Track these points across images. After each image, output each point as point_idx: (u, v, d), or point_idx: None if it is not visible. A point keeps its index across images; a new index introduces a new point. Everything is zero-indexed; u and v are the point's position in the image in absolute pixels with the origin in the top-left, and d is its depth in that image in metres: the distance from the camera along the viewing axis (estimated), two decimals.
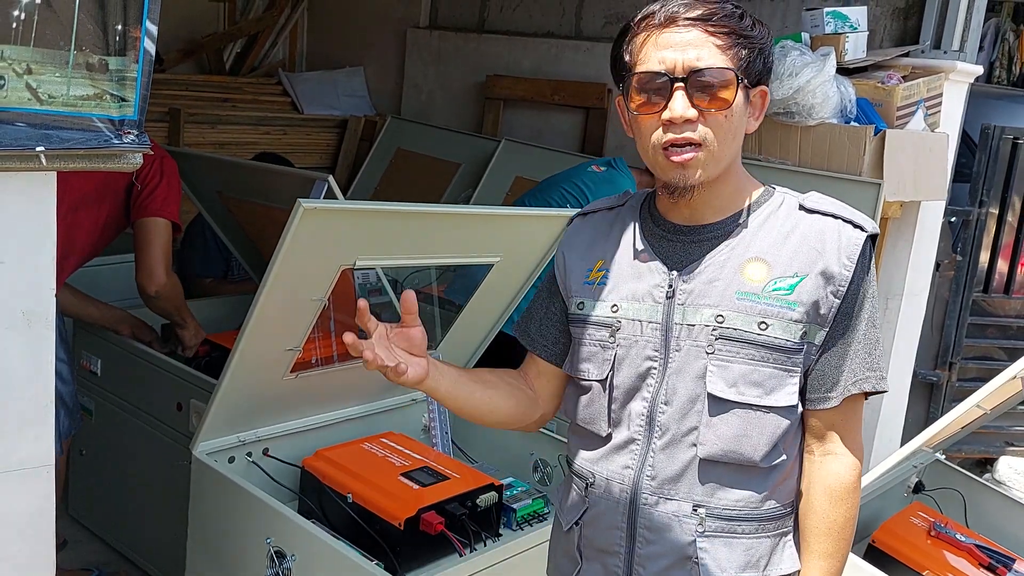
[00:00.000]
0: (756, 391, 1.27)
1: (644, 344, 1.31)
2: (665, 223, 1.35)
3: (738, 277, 1.28)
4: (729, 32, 1.23)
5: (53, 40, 1.10)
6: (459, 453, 2.56)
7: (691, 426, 1.29)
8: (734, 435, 1.27)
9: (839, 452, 1.33)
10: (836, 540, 1.33)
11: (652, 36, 1.25)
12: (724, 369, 1.27)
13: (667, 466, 1.30)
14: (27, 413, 1.25)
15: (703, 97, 1.22)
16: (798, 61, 3.05)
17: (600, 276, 1.37)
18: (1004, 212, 4.02)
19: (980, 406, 2.23)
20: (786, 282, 1.26)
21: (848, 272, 1.27)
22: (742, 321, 1.26)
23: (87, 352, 2.82)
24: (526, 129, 4.61)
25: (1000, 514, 2.58)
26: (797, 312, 1.26)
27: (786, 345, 1.27)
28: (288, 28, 5.68)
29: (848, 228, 1.29)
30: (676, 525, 1.30)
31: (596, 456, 1.37)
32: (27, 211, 1.19)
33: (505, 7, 4.84)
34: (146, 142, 1.23)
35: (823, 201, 1.32)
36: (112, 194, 2.55)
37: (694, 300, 1.29)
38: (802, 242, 1.28)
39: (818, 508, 1.33)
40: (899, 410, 3.65)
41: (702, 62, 1.22)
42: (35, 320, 1.22)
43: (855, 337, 1.30)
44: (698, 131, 1.23)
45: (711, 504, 1.29)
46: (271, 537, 1.91)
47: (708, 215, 1.32)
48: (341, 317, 2.53)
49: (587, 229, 1.45)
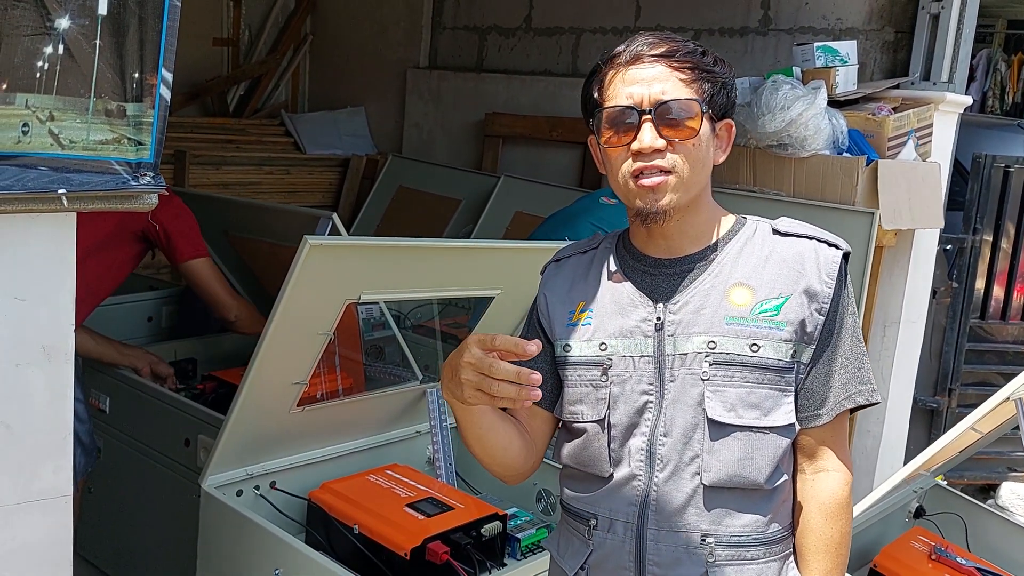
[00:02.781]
0: (754, 413, 1.28)
1: (638, 379, 1.32)
2: (644, 258, 1.37)
3: (725, 303, 1.30)
4: (692, 67, 1.29)
5: (74, 88, 1.16)
6: (463, 484, 2.58)
7: (693, 455, 1.29)
8: (737, 459, 1.28)
9: (831, 468, 1.36)
10: (834, 557, 1.36)
11: (619, 73, 1.30)
12: (721, 394, 1.28)
13: (671, 498, 1.30)
14: (47, 446, 1.29)
15: (670, 128, 1.27)
16: (790, 95, 3.12)
17: (584, 317, 1.38)
18: (998, 239, 4.07)
19: (975, 429, 2.25)
20: (772, 303, 1.30)
21: (830, 289, 1.31)
22: (734, 345, 1.28)
23: (95, 390, 2.85)
24: (525, 165, 4.69)
25: (1001, 538, 2.59)
26: (786, 332, 1.29)
27: (779, 365, 1.29)
28: (290, 70, 5.80)
29: (824, 247, 1.33)
30: (686, 557, 1.30)
31: (597, 497, 1.36)
32: (48, 250, 1.24)
33: (503, 47, 4.94)
34: (161, 183, 1.28)
35: (795, 224, 1.37)
36: (126, 239, 2.62)
37: (684, 329, 1.31)
38: (781, 264, 1.32)
39: (814, 526, 1.35)
40: (900, 437, 3.67)
41: (667, 95, 1.27)
42: (55, 355, 1.26)
43: (841, 352, 1.33)
44: (667, 159, 1.27)
45: (719, 532, 1.29)
46: (280, 568, 1.94)
47: (685, 246, 1.35)
48: (346, 352, 2.58)
49: (564, 273, 1.46)
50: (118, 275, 2.66)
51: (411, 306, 3.56)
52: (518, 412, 1.48)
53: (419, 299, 3.13)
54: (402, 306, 3.51)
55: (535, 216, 3.95)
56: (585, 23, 4.52)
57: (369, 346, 2.88)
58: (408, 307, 3.56)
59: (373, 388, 2.58)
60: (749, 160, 3.34)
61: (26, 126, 1.13)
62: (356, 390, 2.56)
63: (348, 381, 2.52)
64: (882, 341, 3.51)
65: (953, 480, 3.37)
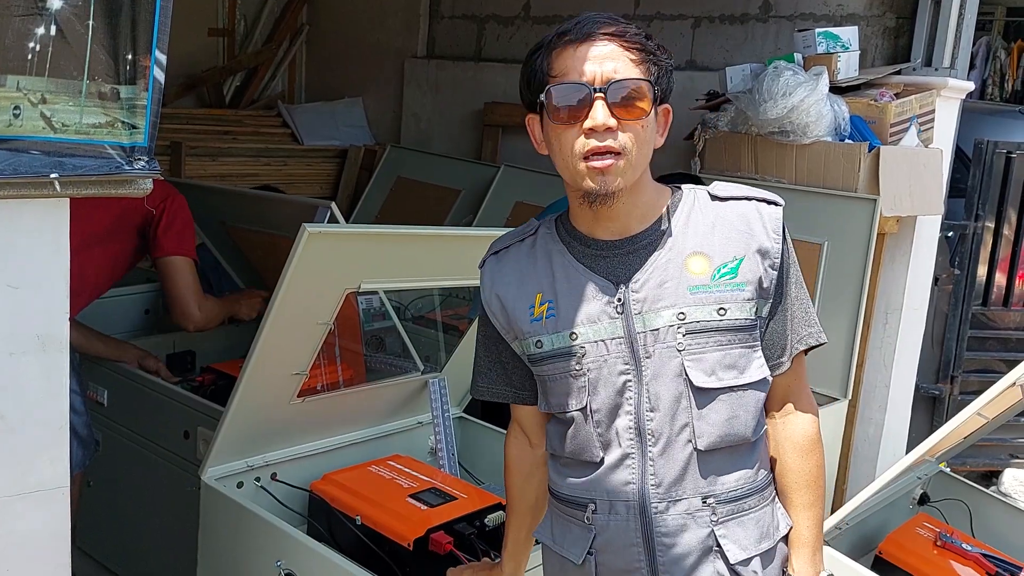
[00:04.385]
0: (732, 373, 1.34)
1: (614, 361, 1.34)
2: (594, 242, 1.38)
3: (685, 274, 1.34)
4: (641, 48, 1.31)
5: (67, 70, 1.14)
6: (466, 474, 2.57)
7: (683, 424, 1.33)
8: (724, 420, 1.34)
9: (799, 410, 1.45)
10: (814, 490, 1.44)
11: (569, 50, 1.30)
12: (699, 361, 1.32)
13: (669, 469, 1.34)
14: (43, 436, 1.27)
15: (622, 107, 1.28)
16: (791, 81, 3.10)
17: (545, 309, 1.39)
18: (1000, 225, 4.04)
19: (981, 414, 2.24)
20: (728, 267, 1.34)
21: (778, 245, 1.37)
22: (702, 312, 1.32)
23: (93, 383, 2.84)
24: (524, 154, 4.65)
25: (1006, 524, 2.58)
26: (747, 291, 1.34)
27: (745, 324, 1.35)
28: (287, 61, 5.76)
29: (764, 206, 1.39)
30: (691, 522, 1.34)
31: (591, 482, 1.38)
32: (42, 237, 1.22)
33: (502, 36, 4.91)
34: (156, 168, 1.26)
35: (730, 187, 1.42)
36: (124, 232, 2.59)
37: (650, 306, 1.33)
38: (729, 228, 1.37)
39: (792, 465, 1.44)
40: (903, 424, 3.66)
41: (619, 74, 1.28)
42: (50, 344, 1.24)
43: (790, 301, 1.41)
44: (618, 139, 1.28)
45: (717, 491, 1.35)
46: (281, 560, 1.93)
47: (633, 225, 1.37)
48: (346, 342, 2.56)
49: (508, 265, 1.45)
50: (119, 269, 2.63)
51: (412, 297, 3.54)
52: (515, 416, 1.56)
53: (419, 288, 3.11)
54: (403, 297, 3.50)
55: (536, 206, 3.93)
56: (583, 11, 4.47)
57: (370, 337, 2.86)
58: (409, 298, 3.54)
59: (374, 379, 2.57)
60: (751, 147, 3.31)
61: (17, 109, 1.11)
62: (357, 381, 2.54)
63: (349, 372, 2.50)
64: (884, 328, 3.49)
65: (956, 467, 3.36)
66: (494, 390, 1.52)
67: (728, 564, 1.35)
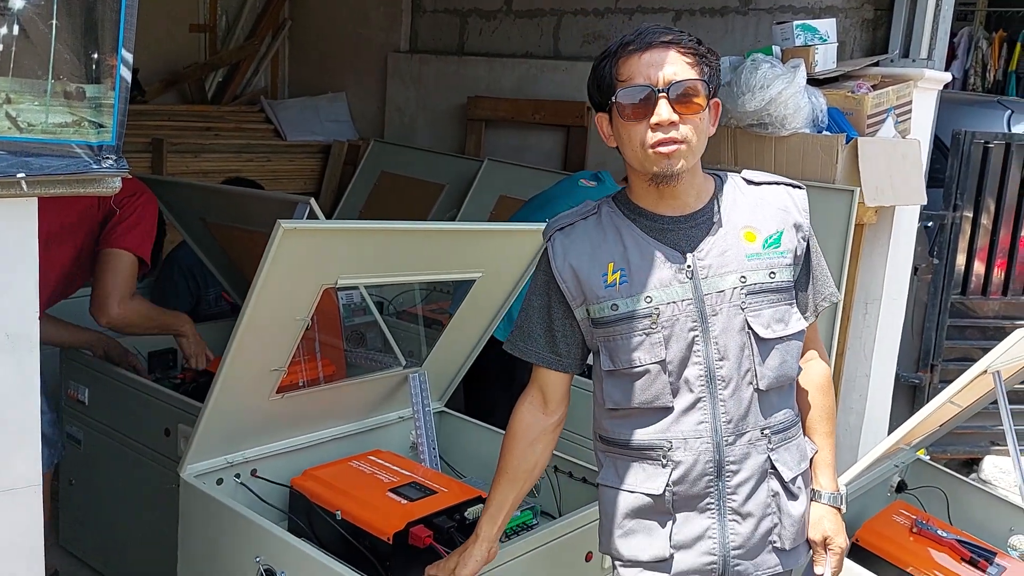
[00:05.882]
0: (781, 325, 1.61)
1: (684, 319, 1.57)
2: (660, 218, 1.61)
3: (741, 243, 1.60)
4: (694, 52, 1.55)
5: (31, 70, 1.14)
6: (447, 468, 2.58)
7: (747, 368, 1.59)
8: (778, 364, 1.61)
9: (817, 356, 1.78)
10: (831, 422, 1.77)
11: (633, 58, 1.53)
12: (758, 316, 1.58)
13: (736, 408, 1.59)
14: (14, 434, 1.27)
15: (681, 104, 1.51)
16: (769, 73, 3.11)
17: (618, 276, 1.60)
18: (978, 215, 4.07)
19: (953, 402, 2.27)
20: (774, 238, 1.62)
21: (806, 220, 1.67)
22: (758, 276, 1.59)
23: (74, 381, 2.83)
24: (508, 149, 4.67)
25: (982, 510, 2.61)
26: (788, 258, 1.63)
27: (788, 285, 1.63)
28: (269, 56, 5.75)
29: (792, 190, 1.68)
30: (753, 451, 1.61)
31: (664, 426, 1.60)
32: (9, 236, 1.22)
33: (484, 30, 4.91)
34: (124, 166, 1.26)
35: (760, 174, 1.70)
36: (87, 229, 2.56)
37: (716, 271, 1.58)
38: (769, 207, 1.64)
39: (816, 401, 1.75)
40: (883, 413, 3.69)
41: (678, 76, 1.52)
42: (19, 342, 1.24)
43: (814, 266, 1.70)
44: (680, 131, 1.51)
45: (771, 424, 1.62)
46: (260, 556, 1.93)
47: (691, 203, 1.62)
48: (326, 338, 2.56)
49: (578, 240, 1.65)
50: (81, 269, 2.58)
51: (394, 292, 3.55)
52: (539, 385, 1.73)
53: (398, 283, 3.11)
54: (385, 292, 3.50)
55: (519, 200, 3.93)
56: (565, 5, 4.49)
57: (350, 332, 2.86)
58: (391, 293, 3.55)
59: (355, 374, 2.57)
60: (730, 139, 3.33)
61: None
62: (337, 376, 2.55)
63: (329, 368, 2.50)
64: (864, 318, 3.52)
65: (936, 455, 3.39)
66: (539, 354, 1.70)
67: (782, 482, 1.63)
